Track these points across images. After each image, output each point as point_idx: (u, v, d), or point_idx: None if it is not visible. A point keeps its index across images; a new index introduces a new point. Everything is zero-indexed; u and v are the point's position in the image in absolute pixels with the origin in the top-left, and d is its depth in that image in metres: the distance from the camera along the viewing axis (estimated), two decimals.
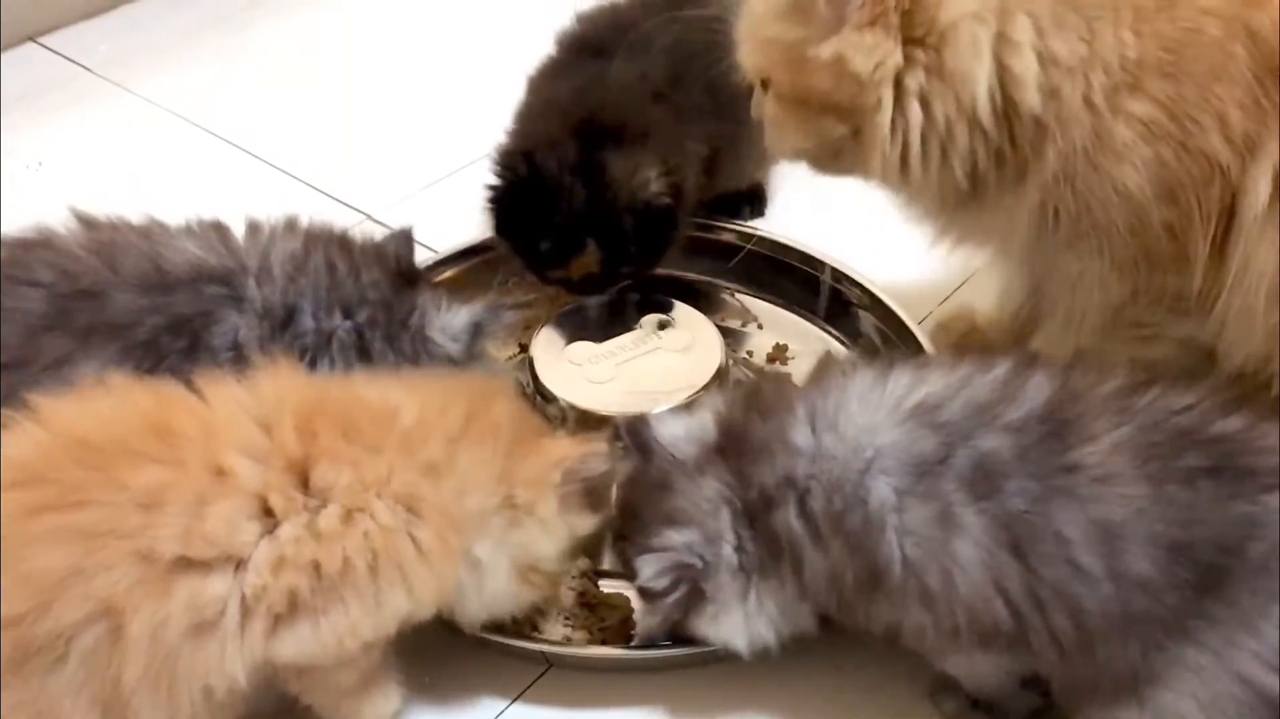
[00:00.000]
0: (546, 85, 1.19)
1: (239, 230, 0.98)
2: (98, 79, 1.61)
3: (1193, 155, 0.87)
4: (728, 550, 0.84)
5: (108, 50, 1.66)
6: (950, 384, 0.82)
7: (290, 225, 0.99)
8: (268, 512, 0.77)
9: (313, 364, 0.95)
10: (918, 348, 1.11)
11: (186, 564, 0.75)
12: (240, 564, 0.76)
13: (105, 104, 1.57)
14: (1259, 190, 0.87)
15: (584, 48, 1.19)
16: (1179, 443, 0.79)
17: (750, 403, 0.87)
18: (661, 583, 0.85)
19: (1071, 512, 0.77)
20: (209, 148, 1.50)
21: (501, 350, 1.14)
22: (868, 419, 0.81)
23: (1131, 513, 0.77)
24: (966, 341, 1.16)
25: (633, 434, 0.89)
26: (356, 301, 0.97)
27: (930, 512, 0.79)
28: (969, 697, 0.90)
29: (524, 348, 1.13)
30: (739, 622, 0.86)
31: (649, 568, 0.85)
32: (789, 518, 0.82)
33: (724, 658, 0.95)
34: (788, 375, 1.15)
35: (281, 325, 0.94)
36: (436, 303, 1.01)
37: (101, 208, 0.99)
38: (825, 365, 0.88)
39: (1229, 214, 0.89)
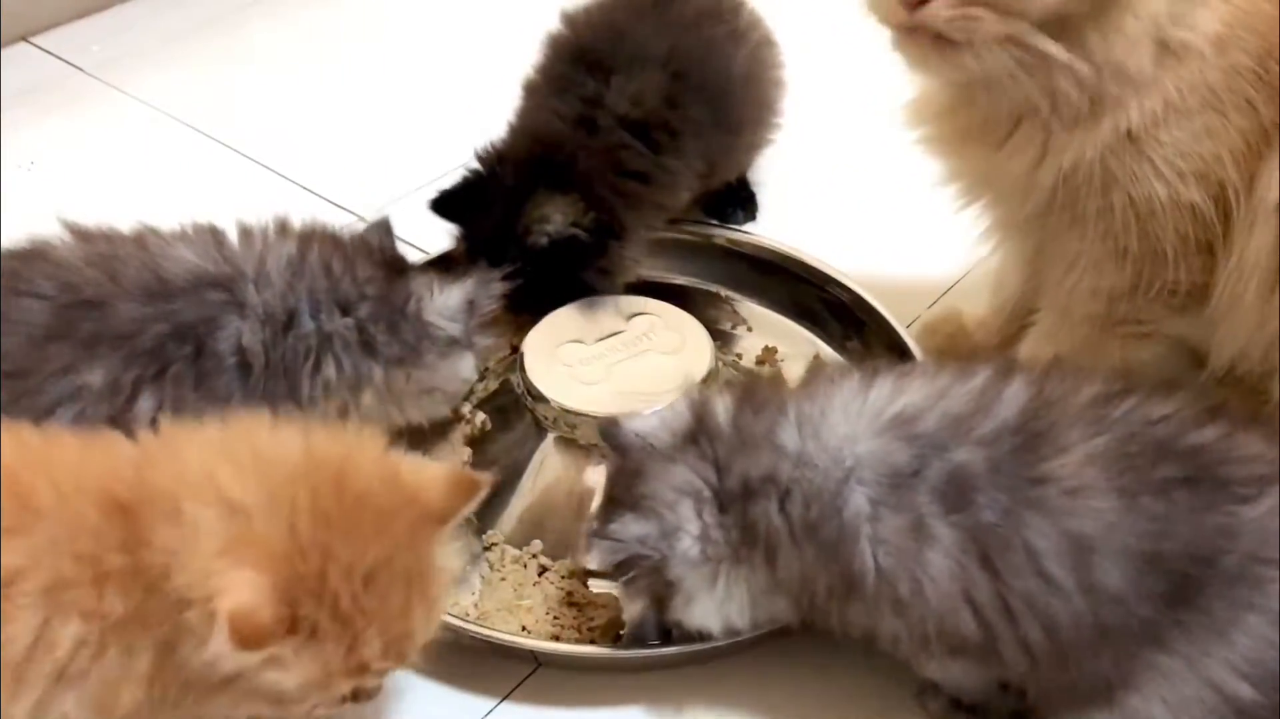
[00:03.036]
0: (550, 97, 1.18)
1: (232, 234, 0.98)
2: (91, 79, 1.61)
3: (1233, 129, 0.88)
4: (686, 542, 0.84)
5: (101, 51, 1.66)
6: (929, 395, 0.83)
7: (283, 228, 1.00)
8: None
9: (317, 366, 0.96)
10: (905, 352, 1.12)
11: None
12: None
13: (98, 104, 1.57)
14: (1272, 180, 0.87)
15: (582, 59, 1.18)
16: (1155, 454, 0.79)
17: (744, 395, 0.87)
18: (609, 563, 0.85)
19: (1042, 524, 0.77)
20: (202, 149, 1.50)
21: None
22: (848, 429, 0.82)
23: (1102, 525, 0.77)
24: (953, 344, 1.16)
25: (607, 436, 0.90)
26: (356, 298, 0.98)
27: (903, 522, 0.79)
28: (953, 698, 0.90)
29: (515, 349, 1.14)
30: (710, 608, 0.87)
31: (597, 554, 0.86)
32: (769, 511, 0.82)
33: (713, 657, 0.96)
34: (779, 374, 1.16)
35: (284, 328, 0.95)
36: (429, 286, 1.02)
37: (94, 209, 0.99)
38: (815, 371, 0.89)
39: (1236, 202, 0.89)
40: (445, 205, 1.14)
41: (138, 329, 0.91)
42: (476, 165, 1.15)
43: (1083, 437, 0.79)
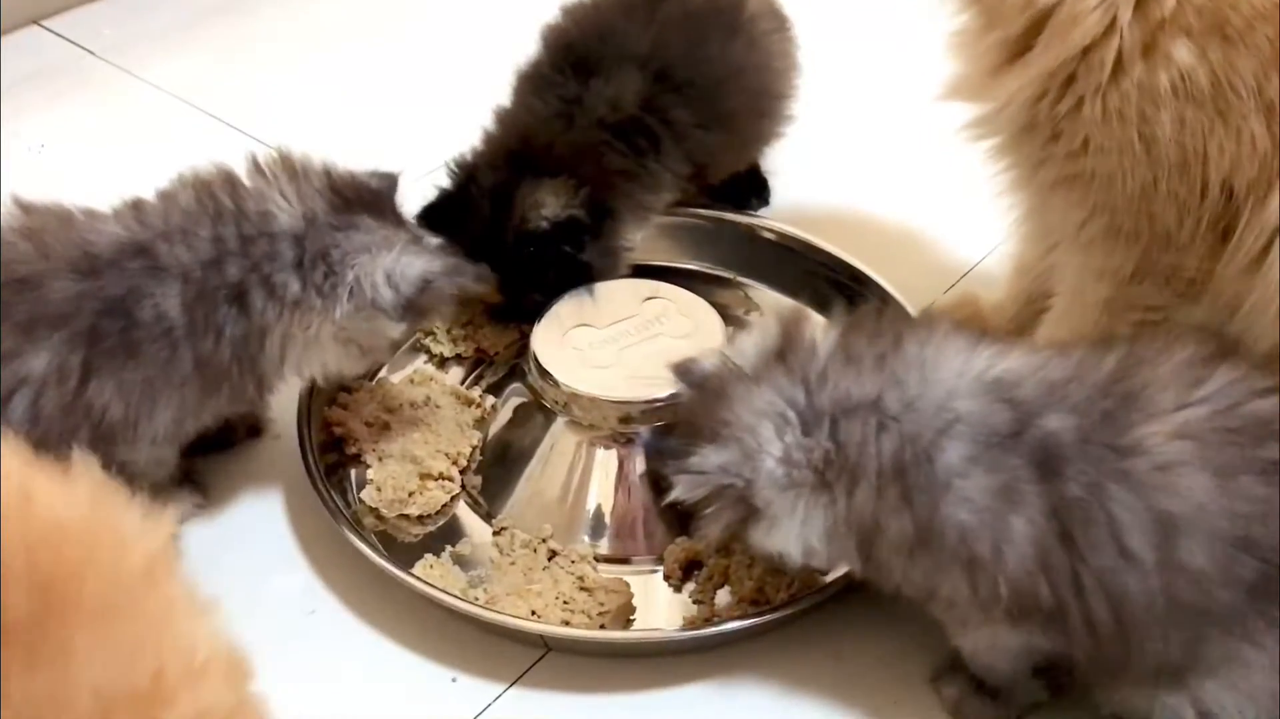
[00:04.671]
0: (527, 98, 1.17)
1: (151, 199, 0.96)
2: (102, 63, 1.61)
3: (1229, 131, 0.85)
4: (770, 464, 0.81)
5: (112, 34, 1.65)
6: (1030, 364, 0.82)
7: (182, 181, 0.97)
8: None
9: (234, 316, 0.92)
10: None
11: None
12: None
13: (109, 88, 1.56)
14: None
15: (566, 57, 1.17)
16: (1259, 431, 0.76)
17: (855, 321, 0.86)
18: (695, 496, 0.83)
19: (1128, 499, 0.76)
20: (213, 133, 1.50)
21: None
22: (954, 384, 0.81)
23: (1192, 506, 0.75)
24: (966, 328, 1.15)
25: (684, 374, 0.88)
26: (256, 235, 0.93)
27: (993, 483, 0.78)
28: (972, 681, 0.89)
29: (524, 333, 1.13)
30: (793, 532, 0.83)
31: (682, 488, 0.83)
32: (866, 435, 0.80)
33: (724, 642, 0.95)
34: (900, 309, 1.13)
35: (201, 282, 0.91)
36: (388, 240, 0.95)
37: (104, 192, 0.98)
38: (927, 318, 0.88)
39: (1246, 204, 0.87)
40: (427, 218, 1.12)
41: (73, 309, 0.89)
42: (448, 181, 1.15)
43: (1176, 403, 0.77)
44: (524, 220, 1.10)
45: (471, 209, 1.13)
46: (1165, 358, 0.80)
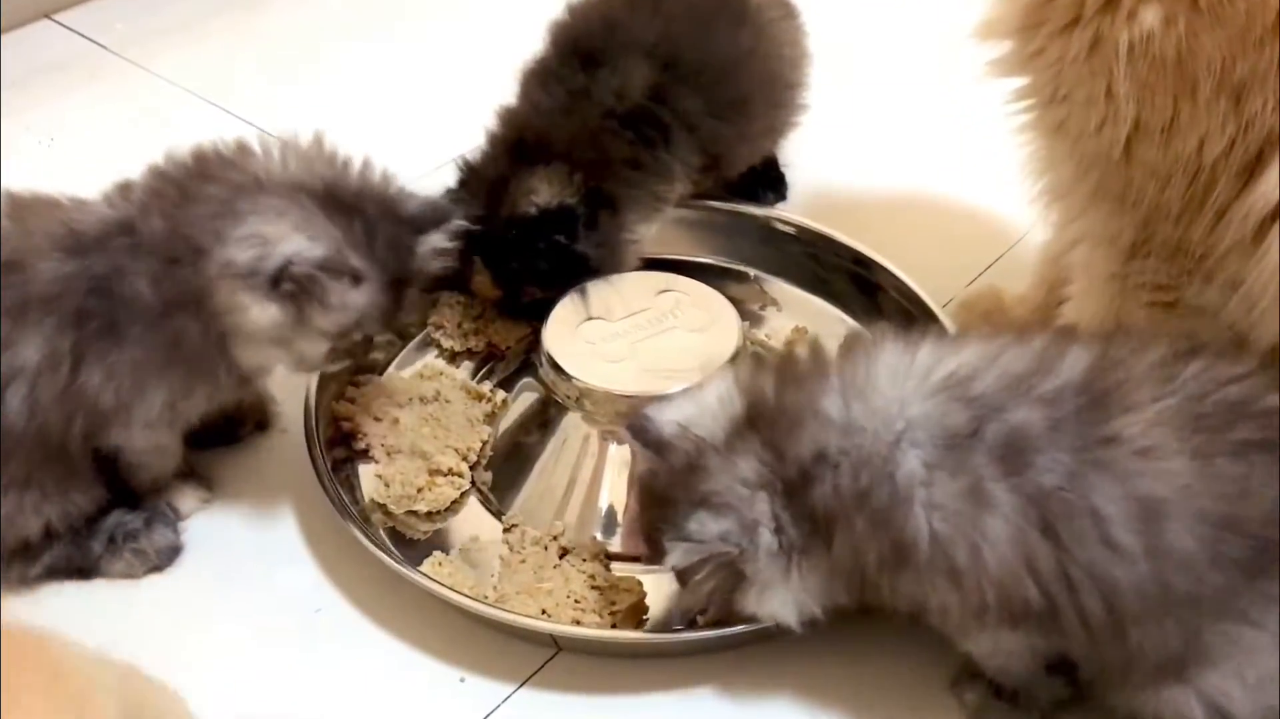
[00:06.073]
0: (532, 92, 1.16)
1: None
2: (113, 56, 1.60)
3: (1197, 106, 0.82)
4: (766, 536, 0.81)
5: (124, 28, 1.65)
6: (985, 355, 0.80)
7: (179, 152, 0.94)
8: None
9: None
10: (941, 332, 1.08)
11: None
12: None
13: (121, 82, 1.56)
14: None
15: (573, 51, 1.16)
16: (1229, 415, 0.76)
17: (784, 369, 0.84)
18: (690, 563, 0.82)
19: (1109, 487, 0.75)
20: (225, 126, 1.48)
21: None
22: (897, 391, 0.79)
23: (1176, 488, 0.74)
24: (989, 321, 1.13)
25: (639, 434, 0.86)
26: (230, 194, 0.89)
27: (960, 486, 0.76)
28: (991, 686, 0.87)
29: (536, 327, 1.11)
30: (786, 598, 0.83)
31: (679, 554, 0.82)
32: (826, 494, 0.79)
33: (737, 644, 0.93)
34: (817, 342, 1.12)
35: (183, 260, 0.89)
36: (304, 214, 0.87)
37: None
38: (854, 339, 0.86)
39: (1220, 182, 0.84)
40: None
41: (61, 290, 0.88)
42: (455, 180, 1.15)
43: (1152, 396, 0.76)
44: (514, 207, 1.09)
45: (468, 202, 1.11)
46: (1139, 358, 0.79)
